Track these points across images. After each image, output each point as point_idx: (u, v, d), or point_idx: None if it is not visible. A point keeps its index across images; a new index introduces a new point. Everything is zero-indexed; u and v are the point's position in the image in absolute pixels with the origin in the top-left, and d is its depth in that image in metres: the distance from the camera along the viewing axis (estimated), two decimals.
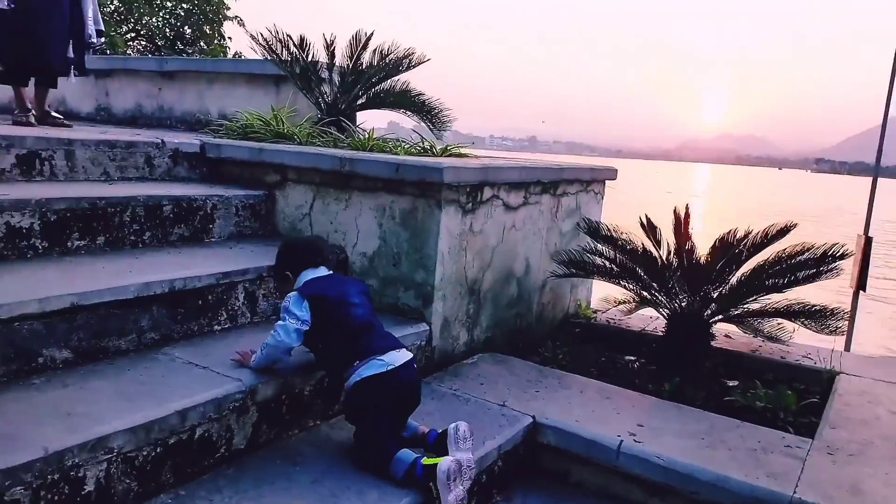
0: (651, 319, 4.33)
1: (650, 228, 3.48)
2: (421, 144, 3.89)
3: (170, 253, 2.79)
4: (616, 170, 4.47)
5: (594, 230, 3.62)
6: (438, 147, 3.81)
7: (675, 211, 3.46)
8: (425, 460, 2.04)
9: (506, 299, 3.52)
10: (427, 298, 2.95)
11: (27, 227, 2.45)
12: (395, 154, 3.57)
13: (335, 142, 3.77)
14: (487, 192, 3.17)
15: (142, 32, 11.40)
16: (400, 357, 2.16)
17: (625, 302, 3.88)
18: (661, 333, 4.06)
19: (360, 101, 4.18)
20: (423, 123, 4.20)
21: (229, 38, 11.39)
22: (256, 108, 5.25)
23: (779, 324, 3.54)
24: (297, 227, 3.33)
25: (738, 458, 2.40)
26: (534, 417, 2.62)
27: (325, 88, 4.20)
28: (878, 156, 7.13)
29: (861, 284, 5.88)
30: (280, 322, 2.15)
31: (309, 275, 2.25)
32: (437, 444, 2.17)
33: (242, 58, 5.55)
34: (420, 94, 4.09)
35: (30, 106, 4.02)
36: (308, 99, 4.38)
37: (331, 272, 2.31)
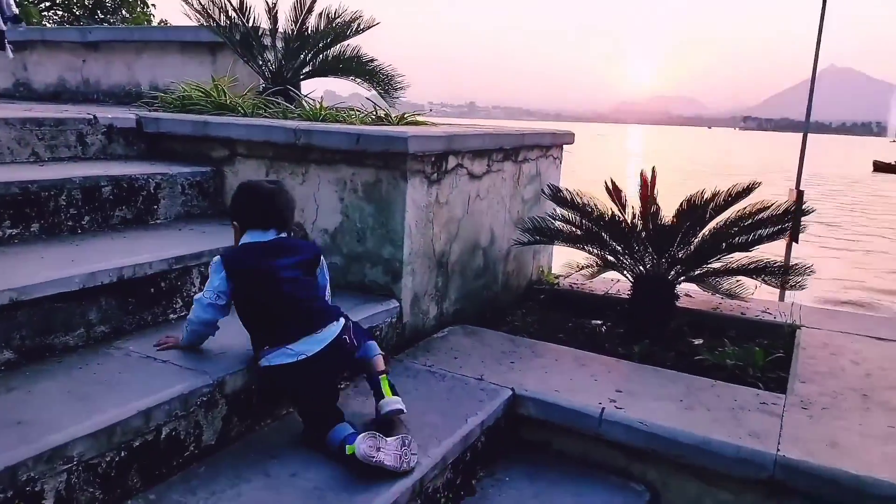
0: (613, 283, 4.33)
1: (615, 192, 3.43)
2: (375, 113, 3.72)
3: (113, 238, 2.58)
4: (573, 134, 4.41)
5: (559, 196, 3.56)
6: (394, 115, 3.64)
7: (641, 174, 3.42)
8: (349, 449, 1.88)
9: (473, 270, 3.43)
10: (395, 274, 2.83)
11: None
12: (352, 123, 3.40)
13: (284, 112, 3.56)
14: (452, 161, 3.05)
15: (57, 2, 10.53)
16: (315, 344, 1.98)
17: (588, 266, 3.86)
18: (625, 296, 4.07)
19: (307, 69, 3.95)
20: (373, 90, 4.02)
21: (153, 4, 10.61)
22: (193, 78, 4.95)
23: (738, 281, 3.58)
24: None
25: (718, 418, 2.40)
26: (513, 390, 2.56)
27: (269, 56, 3.95)
28: (808, 110, 7.28)
29: (794, 237, 6.09)
30: (196, 295, 2.04)
31: (249, 237, 2.07)
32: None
33: (171, 25, 5.18)
34: (372, 59, 3.90)
35: None
36: (250, 67, 4.13)
37: (281, 236, 2.11)
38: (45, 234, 2.48)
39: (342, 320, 2.11)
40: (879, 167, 53.88)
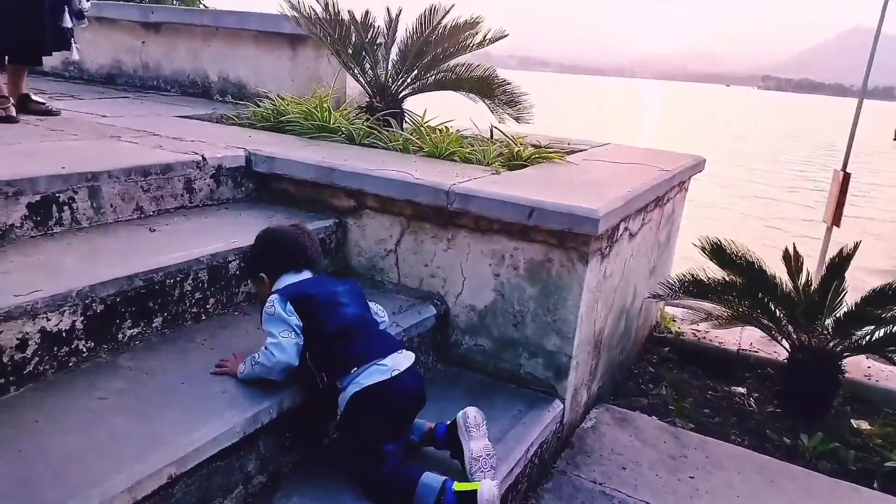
0: (739, 333, 3.91)
1: (794, 259, 2.97)
2: (502, 143, 3.24)
3: (243, 324, 2.16)
4: (705, 160, 3.90)
5: (721, 254, 3.09)
6: (522, 145, 3.15)
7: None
8: (457, 486, 1.71)
9: (616, 338, 3.01)
10: (561, 370, 2.41)
11: (67, 329, 1.77)
12: (467, 158, 2.92)
13: (405, 144, 3.08)
14: (621, 227, 2.59)
15: None
16: (404, 360, 1.82)
17: (718, 317, 3.44)
18: (762, 355, 3.67)
19: (419, 83, 3.44)
20: (499, 111, 3.49)
21: None
22: (268, 74, 4.49)
23: None
24: (377, 265, 2.69)
25: None
26: None
27: (380, 69, 3.43)
28: (865, 77, 6.32)
29: (836, 220, 5.62)
30: (269, 339, 1.77)
31: (288, 279, 1.90)
32: (448, 437, 1.91)
33: (247, 11, 4.63)
34: (505, 81, 3.37)
35: (5, 93, 3.14)
36: (353, 77, 3.61)
37: (316, 276, 1.96)
38: (168, 327, 2.05)
39: (410, 352, 1.89)
40: None
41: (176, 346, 1.99)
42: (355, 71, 3.43)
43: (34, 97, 3.32)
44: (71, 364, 1.80)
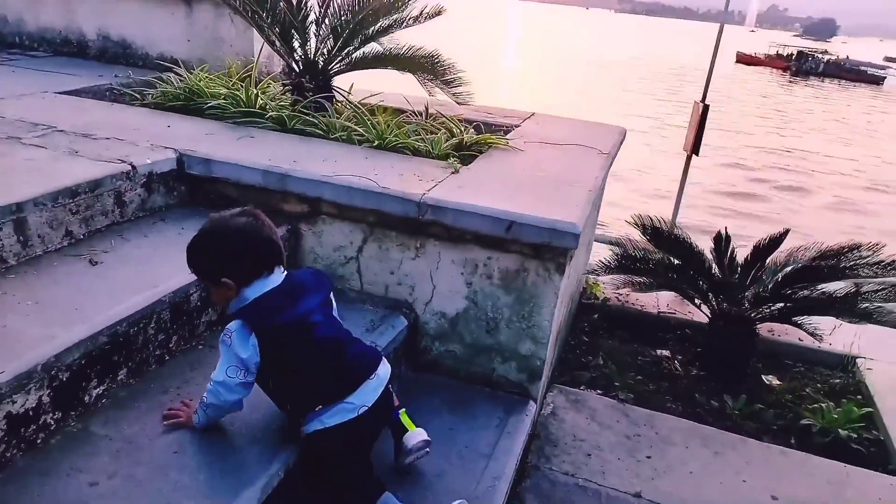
0: (654, 295, 4.17)
1: (723, 240, 3.18)
2: (436, 120, 3.15)
3: (206, 354, 2.00)
4: (626, 130, 4.00)
5: (656, 234, 3.23)
6: (466, 136, 3.07)
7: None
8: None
9: (564, 323, 3.11)
10: (534, 373, 2.46)
11: (34, 407, 1.55)
12: (416, 148, 2.82)
13: (348, 134, 2.89)
14: None
15: None
16: (372, 391, 1.72)
17: (642, 283, 3.66)
18: (680, 316, 3.95)
19: (350, 60, 3.20)
20: (432, 87, 3.36)
21: None
22: (159, 33, 4.05)
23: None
24: (336, 272, 2.56)
25: None
26: None
27: (309, 47, 3.14)
28: (725, 6, 6.69)
29: (695, 149, 6.13)
30: (217, 373, 1.63)
31: (259, 289, 1.65)
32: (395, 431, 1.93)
33: None
34: (437, 55, 3.21)
35: None
36: (279, 54, 3.29)
37: (284, 273, 1.72)
38: (133, 377, 1.86)
39: (385, 361, 1.82)
40: (742, 59, 56.90)
41: (148, 399, 1.81)
42: (280, 49, 3.13)
43: None
44: (39, 441, 1.59)
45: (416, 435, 1.92)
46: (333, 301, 1.83)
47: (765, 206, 13.65)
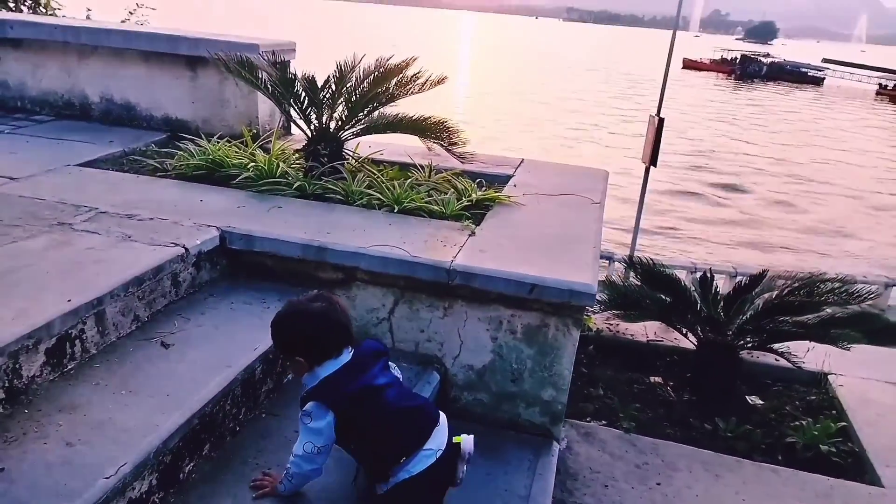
0: (644, 327, 4.49)
1: (710, 282, 3.51)
2: (440, 175, 3.42)
3: (270, 421, 2.21)
4: (608, 173, 4.33)
5: (648, 274, 3.56)
6: (474, 195, 3.33)
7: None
8: None
9: None
10: (556, 416, 2.73)
11: (146, 491, 1.76)
12: (431, 211, 3.07)
13: (367, 200, 3.13)
14: None
15: None
16: (442, 434, 1.90)
17: (632, 315, 3.98)
18: (668, 344, 4.27)
19: (361, 126, 3.44)
20: (433, 145, 3.63)
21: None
22: (164, 96, 4.23)
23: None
24: (370, 332, 2.80)
25: None
26: None
27: (325, 117, 3.36)
28: (676, 18, 7.00)
29: (653, 160, 6.52)
30: (297, 447, 1.81)
31: (329, 368, 1.82)
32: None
33: (133, 30, 4.19)
34: (444, 121, 3.48)
35: None
36: (298, 127, 3.50)
37: (351, 350, 1.88)
38: (214, 450, 2.06)
39: (443, 415, 2.00)
40: (688, 65, 58.70)
41: (231, 471, 2.01)
42: (297, 119, 3.36)
43: None
44: None
45: (468, 440, 2.00)
46: (392, 364, 2.03)
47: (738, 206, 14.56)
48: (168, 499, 1.86)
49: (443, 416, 1.95)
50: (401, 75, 3.38)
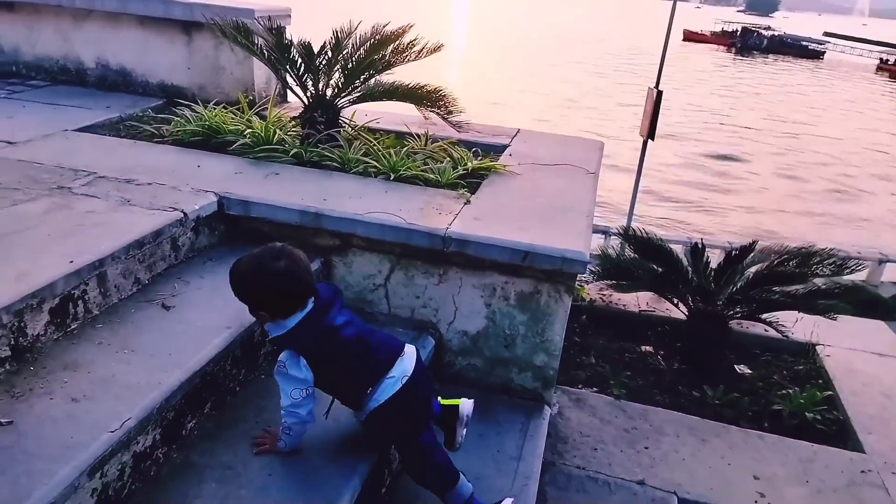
0: (636, 297, 4.55)
1: (701, 253, 3.56)
2: (436, 144, 3.44)
3: (269, 382, 2.27)
4: (603, 144, 4.35)
5: (642, 245, 3.60)
6: (470, 164, 3.35)
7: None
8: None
9: None
10: (548, 381, 2.79)
11: (150, 445, 1.82)
12: (427, 179, 3.09)
13: (363, 167, 3.15)
14: None
15: None
16: (408, 363, 1.97)
17: (625, 286, 4.04)
18: (659, 314, 4.34)
19: (357, 94, 3.45)
20: (429, 113, 3.65)
21: None
22: (159, 61, 4.22)
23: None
24: (366, 297, 2.85)
25: None
26: (676, 494, 2.74)
27: (321, 84, 3.36)
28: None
29: (651, 134, 6.55)
30: (283, 399, 1.88)
31: (293, 319, 1.86)
32: (443, 416, 2.18)
33: None
34: (440, 89, 3.48)
35: None
36: (294, 93, 3.50)
37: (313, 300, 1.90)
38: (215, 409, 2.12)
39: (408, 344, 2.06)
40: (689, 37, 58.10)
41: (232, 427, 2.07)
42: (294, 86, 3.36)
43: None
44: (153, 473, 1.85)
45: (466, 404, 2.18)
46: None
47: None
48: (171, 453, 1.92)
49: (409, 347, 2.02)
50: (397, 42, 3.38)
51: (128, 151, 3.17)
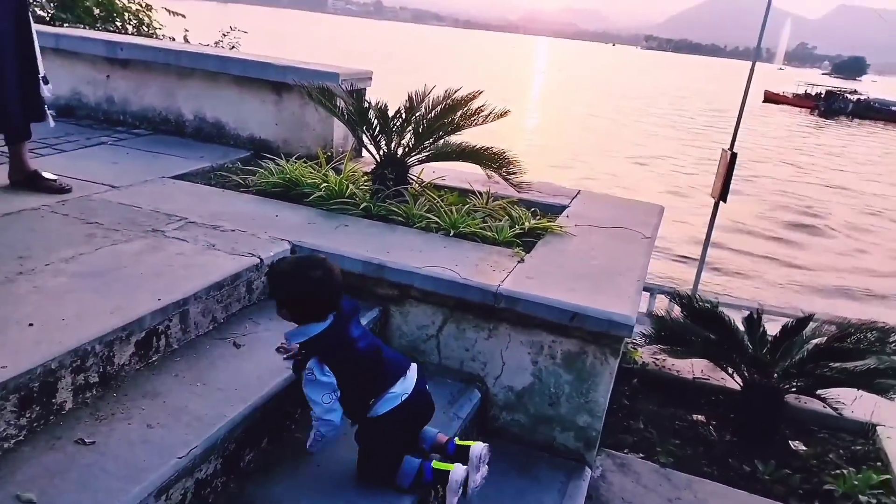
0: (690, 361, 4.53)
1: (757, 322, 3.56)
2: (501, 209, 3.61)
3: None
4: (663, 208, 4.41)
5: (694, 310, 3.63)
6: (527, 223, 3.50)
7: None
8: (435, 464, 2.13)
9: None
10: (590, 442, 2.85)
11: (212, 473, 2.00)
12: (485, 236, 3.25)
13: (426, 223, 3.35)
14: None
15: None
16: (410, 381, 2.14)
17: (678, 352, 4.03)
18: (714, 383, 4.30)
19: (426, 153, 3.69)
20: (495, 175, 3.85)
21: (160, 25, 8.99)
22: (250, 117, 4.59)
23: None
24: (419, 347, 3.00)
25: None
26: None
27: (394, 144, 3.64)
28: (757, 47, 6.86)
29: (723, 196, 6.42)
30: (316, 408, 2.07)
31: (316, 329, 2.06)
32: (457, 456, 2.21)
33: (229, 56, 4.65)
34: (503, 152, 3.69)
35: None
36: (369, 152, 3.78)
37: (334, 315, 2.09)
38: (271, 444, 2.30)
39: (413, 364, 2.21)
40: (769, 97, 56.87)
41: (286, 464, 2.24)
42: (368, 145, 3.64)
43: (44, 174, 3.30)
44: (211, 501, 2.02)
45: (478, 446, 2.24)
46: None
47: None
48: (229, 483, 2.10)
49: (412, 369, 2.18)
50: (466, 108, 3.61)
51: (216, 199, 3.49)
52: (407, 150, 3.66)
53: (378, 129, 3.51)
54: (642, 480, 3.22)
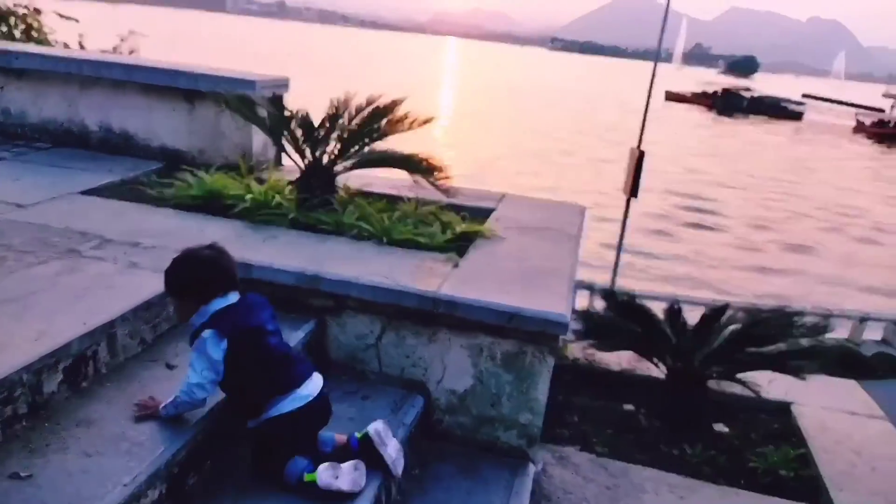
0: (618, 356, 4.69)
1: (677, 315, 3.74)
2: (431, 215, 3.62)
3: None
4: (586, 209, 4.56)
5: (622, 304, 3.77)
6: (458, 228, 3.53)
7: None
8: (308, 476, 2.07)
9: None
10: (532, 439, 2.91)
11: (156, 500, 1.91)
12: (418, 242, 3.26)
13: (358, 230, 3.32)
14: None
15: None
16: (316, 384, 2.17)
17: (606, 345, 4.19)
18: (640, 374, 4.48)
19: (351, 161, 3.65)
20: (421, 180, 3.85)
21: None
22: (162, 126, 4.42)
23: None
24: (358, 357, 2.97)
25: None
26: None
27: (319, 152, 3.57)
28: (658, 47, 7.24)
29: (633, 192, 6.78)
30: (192, 375, 2.01)
31: (218, 304, 2.06)
32: (363, 448, 2.24)
33: (136, 64, 4.41)
34: (431, 157, 3.69)
35: None
36: (293, 160, 3.70)
37: (238, 295, 2.12)
38: (215, 465, 2.22)
39: (316, 371, 2.22)
40: (670, 97, 59.77)
41: (231, 485, 2.17)
42: (293, 155, 3.57)
43: None
44: None
45: (373, 424, 2.26)
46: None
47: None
48: None
49: (316, 375, 2.19)
50: (391, 115, 3.60)
51: (132, 215, 3.33)
52: (332, 158, 3.62)
53: (302, 137, 3.44)
54: (581, 471, 3.31)
